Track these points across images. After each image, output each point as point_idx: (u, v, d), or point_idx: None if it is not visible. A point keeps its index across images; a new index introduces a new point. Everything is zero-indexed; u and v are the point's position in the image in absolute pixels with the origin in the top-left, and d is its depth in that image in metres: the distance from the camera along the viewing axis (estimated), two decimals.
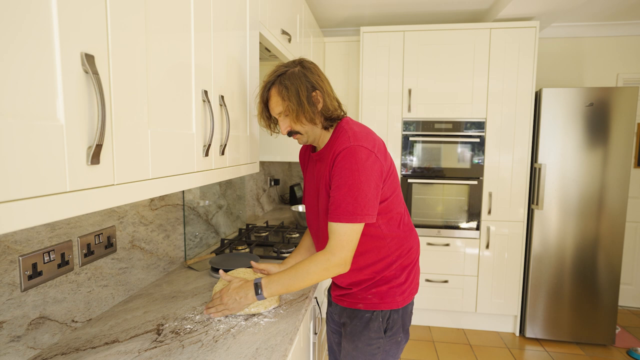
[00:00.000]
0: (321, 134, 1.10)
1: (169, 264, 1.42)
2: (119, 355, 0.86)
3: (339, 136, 1.04)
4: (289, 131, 1.09)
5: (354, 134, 1.01)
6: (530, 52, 2.39)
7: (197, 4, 0.87)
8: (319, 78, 1.05)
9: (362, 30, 2.57)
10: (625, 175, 2.34)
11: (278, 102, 1.04)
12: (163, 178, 0.75)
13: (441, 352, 2.40)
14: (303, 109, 1.01)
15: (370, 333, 1.11)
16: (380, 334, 1.11)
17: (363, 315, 1.12)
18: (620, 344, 2.49)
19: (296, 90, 1.01)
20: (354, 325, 1.14)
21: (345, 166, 0.97)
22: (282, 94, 1.02)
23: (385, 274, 1.10)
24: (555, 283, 2.47)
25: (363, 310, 1.12)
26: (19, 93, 0.45)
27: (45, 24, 0.47)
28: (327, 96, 1.05)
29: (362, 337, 1.12)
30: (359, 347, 1.13)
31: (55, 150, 0.49)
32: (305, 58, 1.09)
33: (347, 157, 0.97)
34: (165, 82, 0.75)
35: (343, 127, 1.06)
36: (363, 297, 1.12)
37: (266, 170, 2.66)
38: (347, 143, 0.99)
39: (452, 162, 2.57)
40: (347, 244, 0.98)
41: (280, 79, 1.03)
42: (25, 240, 0.82)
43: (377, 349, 1.11)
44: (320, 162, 1.10)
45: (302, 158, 1.28)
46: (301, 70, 1.03)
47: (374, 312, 1.11)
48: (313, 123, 1.06)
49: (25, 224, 0.45)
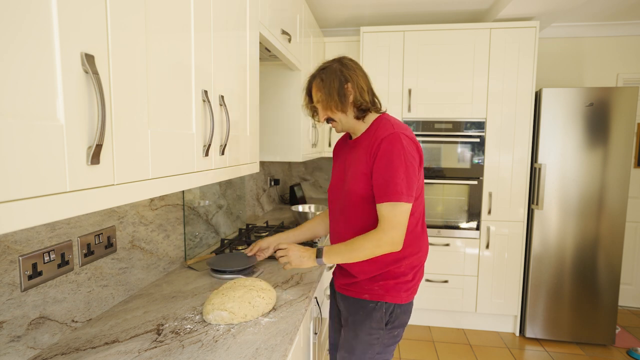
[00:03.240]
0: (355, 123, 1.19)
1: (169, 264, 1.42)
2: (119, 355, 0.86)
3: (379, 126, 1.14)
4: (327, 119, 1.20)
5: (397, 124, 1.13)
6: (530, 52, 2.39)
7: (197, 4, 0.87)
8: (354, 73, 1.15)
9: (362, 30, 2.57)
10: (625, 175, 2.34)
11: (316, 93, 1.18)
12: (163, 178, 0.75)
13: (441, 352, 2.40)
14: (333, 99, 1.13)
15: (372, 323, 1.15)
16: (381, 325, 1.15)
17: (367, 305, 1.16)
18: (620, 344, 2.49)
19: (330, 83, 1.13)
20: (357, 315, 1.18)
21: (391, 150, 1.05)
22: (318, 85, 1.16)
23: (395, 268, 1.14)
24: (555, 283, 2.47)
25: (367, 300, 1.16)
26: (19, 93, 0.44)
27: (45, 23, 0.47)
28: (360, 90, 1.14)
29: (364, 327, 1.16)
30: (359, 336, 1.17)
31: (55, 150, 0.49)
32: (346, 56, 1.20)
33: (393, 142, 1.06)
34: (165, 82, 0.75)
35: (383, 119, 1.17)
36: (369, 288, 1.16)
37: (266, 170, 2.66)
38: (391, 130, 1.09)
39: (452, 162, 2.57)
40: (397, 224, 1.05)
41: (320, 72, 1.17)
42: (25, 240, 0.82)
43: (376, 340, 1.16)
44: (357, 149, 1.18)
45: (338, 145, 1.36)
46: (338, 66, 1.15)
47: (377, 302, 1.15)
48: (344, 112, 1.16)
49: (25, 224, 0.45)
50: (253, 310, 1.04)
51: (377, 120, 1.18)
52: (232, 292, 1.06)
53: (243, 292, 1.07)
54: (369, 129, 1.17)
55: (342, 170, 1.24)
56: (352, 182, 1.15)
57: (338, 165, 1.28)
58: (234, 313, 1.01)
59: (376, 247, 1.06)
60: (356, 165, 1.15)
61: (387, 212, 1.05)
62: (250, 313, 1.03)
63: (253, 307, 1.04)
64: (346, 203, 1.18)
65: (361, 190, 1.12)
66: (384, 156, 1.06)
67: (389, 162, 1.05)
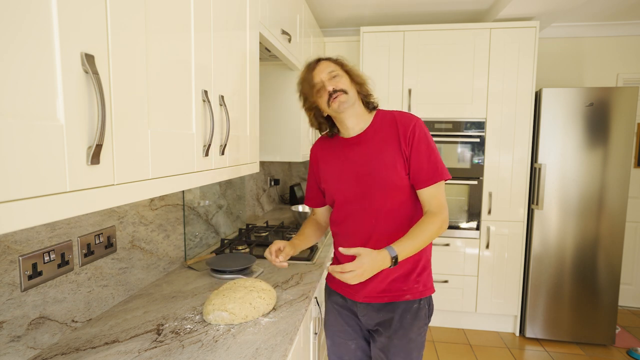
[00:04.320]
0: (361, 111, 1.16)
1: (169, 264, 1.42)
2: (119, 355, 0.86)
3: (394, 116, 1.15)
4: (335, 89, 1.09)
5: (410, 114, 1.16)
6: (530, 52, 2.39)
7: (197, 4, 0.87)
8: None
9: (362, 30, 2.56)
10: (625, 175, 2.34)
11: (329, 65, 1.13)
12: (163, 178, 0.75)
13: (441, 352, 2.40)
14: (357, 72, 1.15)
15: (420, 322, 1.14)
16: (426, 321, 1.16)
17: (411, 307, 1.13)
18: (620, 344, 2.49)
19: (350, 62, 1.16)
20: (404, 319, 1.13)
21: (425, 134, 1.10)
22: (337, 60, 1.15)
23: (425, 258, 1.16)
24: (555, 283, 2.47)
25: (411, 300, 1.13)
26: (19, 93, 0.44)
27: (45, 23, 0.47)
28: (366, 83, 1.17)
29: (414, 328, 1.13)
30: (413, 339, 1.13)
31: (55, 150, 0.49)
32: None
33: (422, 127, 1.11)
34: (165, 82, 0.75)
35: (388, 111, 1.18)
36: (409, 288, 1.13)
37: (266, 170, 2.66)
38: (415, 117, 1.12)
39: (452, 162, 2.57)
40: (444, 201, 1.09)
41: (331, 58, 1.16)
42: (25, 240, 0.82)
43: (424, 336, 1.17)
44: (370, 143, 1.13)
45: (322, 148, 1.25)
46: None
47: (420, 300, 1.14)
48: (360, 90, 1.15)
49: (25, 224, 0.45)
50: (254, 311, 1.04)
51: (381, 113, 1.18)
52: (232, 293, 1.06)
53: (244, 293, 1.07)
54: (378, 122, 1.15)
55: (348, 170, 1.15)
56: (383, 175, 1.09)
57: (336, 166, 1.19)
58: (234, 314, 1.01)
59: (440, 228, 1.06)
60: (381, 158, 1.10)
61: (436, 193, 1.08)
62: (251, 314, 1.03)
63: (254, 308, 1.04)
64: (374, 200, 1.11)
65: (398, 181, 1.09)
66: (423, 140, 1.09)
67: (428, 145, 1.09)
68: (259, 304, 1.06)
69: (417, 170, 1.08)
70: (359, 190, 1.13)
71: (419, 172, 1.08)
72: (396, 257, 1.00)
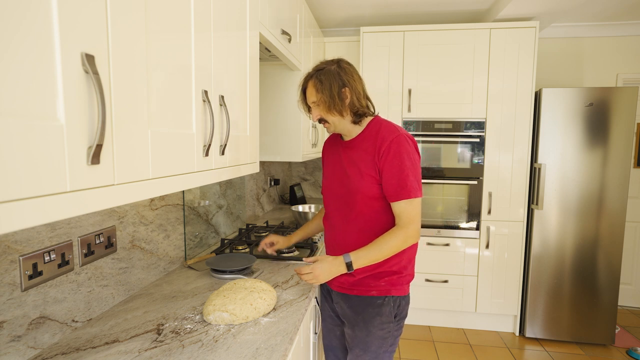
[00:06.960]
0: (350, 126, 1.20)
1: (169, 264, 1.42)
2: (119, 355, 0.86)
3: (380, 128, 1.17)
4: (319, 119, 1.20)
5: (396, 127, 1.17)
6: (530, 52, 2.39)
7: (197, 4, 0.87)
8: (351, 78, 1.16)
9: (362, 30, 2.56)
10: (625, 175, 2.34)
11: (312, 93, 1.18)
12: (163, 178, 0.75)
13: (441, 352, 2.40)
14: (333, 102, 1.14)
15: (382, 318, 1.19)
16: (391, 319, 1.20)
17: (375, 302, 1.19)
18: (620, 343, 2.49)
19: (329, 85, 1.14)
20: (366, 312, 1.20)
21: (400, 152, 1.11)
22: (316, 86, 1.16)
23: (397, 263, 1.18)
24: (555, 283, 2.47)
25: (376, 296, 1.19)
26: (19, 93, 0.44)
27: (45, 23, 0.47)
28: (356, 94, 1.16)
29: (375, 322, 1.19)
30: (372, 332, 1.19)
31: (55, 150, 0.49)
32: (344, 59, 1.21)
33: (401, 143, 1.12)
34: (165, 82, 0.75)
35: (380, 121, 1.20)
36: (376, 285, 1.19)
37: (266, 170, 2.66)
38: (396, 133, 1.14)
39: (452, 162, 2.57)
40: (415, 216, 1.12)
41: (317, 73, 1.17)
42: (25, 240, 0.82)
43: (387, 333, 1.20)
44: (355, 150, 1.20)
45: (328, 145, 1.36)
46: (337, 69, 1.16)
47: (385, 297, 1.19)
48: (341, 115, 1.17)
49: (25, 224, 0.45)
50: (254, 312, 1.04)
51: (373, 122, 1.21)
52: (233, 294, 1.06)
53: (244, 294, 1.07)
54: (367, 131, 1.20)
55: (338, 170, 1.25)
56: (357, 182, 1.17)
57: (332, 165, 1.29)
58: (235, 315, 1.01)
59: (403, 242, 1.11)
60: (359, 165, 1.17)
61: (406, 208, 1.11)
62: (251, 315, 1.03)
63: (254, 309, 1.04)
64: (349, 202, 1.20)
65: (367, 190, 1.15)
66: (396, 157, 1.11)
67: (401, 162, 1.11)
68: (260, 305, 1.06)
69: (386, 185, 1.13)
70: (339, 192, 1.23)
71: (388, 187, 1.13)
72: (350, 263, 1.12)
